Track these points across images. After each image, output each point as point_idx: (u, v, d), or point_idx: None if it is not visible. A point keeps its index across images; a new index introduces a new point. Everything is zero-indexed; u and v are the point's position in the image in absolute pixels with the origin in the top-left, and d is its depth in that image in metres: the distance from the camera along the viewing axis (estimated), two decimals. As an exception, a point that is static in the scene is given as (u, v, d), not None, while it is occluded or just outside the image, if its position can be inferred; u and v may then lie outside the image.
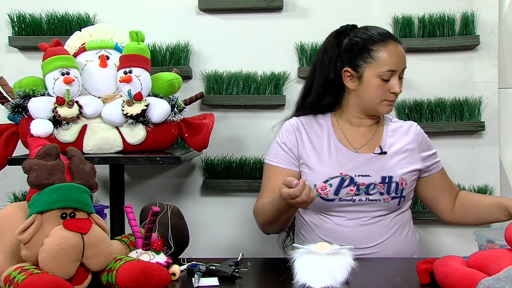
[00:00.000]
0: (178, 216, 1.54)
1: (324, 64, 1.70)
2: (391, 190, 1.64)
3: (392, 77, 1.63)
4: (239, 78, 2.20)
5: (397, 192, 1.65)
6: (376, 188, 1.64)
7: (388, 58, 1.62)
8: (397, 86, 1.63)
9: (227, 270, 1.31)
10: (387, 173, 1.65)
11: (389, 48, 1.62)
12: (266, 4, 2.17)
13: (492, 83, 2.18)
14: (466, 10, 2.16)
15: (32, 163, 1.19)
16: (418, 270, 1.28)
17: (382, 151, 1.68)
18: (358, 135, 1.72)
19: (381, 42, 1.63)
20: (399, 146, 1.70)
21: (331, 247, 1.29)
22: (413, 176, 1.70)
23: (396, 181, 1.65)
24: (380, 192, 1.64)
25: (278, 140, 1.74)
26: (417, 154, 1.71)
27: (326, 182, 1.64)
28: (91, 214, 1.23)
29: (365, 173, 1.65)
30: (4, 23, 2.24)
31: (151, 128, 1.76)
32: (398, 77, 1.64)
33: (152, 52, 2.10)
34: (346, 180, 1.64)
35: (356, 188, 1.63)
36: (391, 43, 1.63)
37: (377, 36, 1.64)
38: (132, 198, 2.22)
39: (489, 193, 2.15)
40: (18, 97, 1.73)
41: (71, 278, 1.16)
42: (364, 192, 1.64)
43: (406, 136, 1.73)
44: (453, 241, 2.19)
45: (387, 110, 1.68)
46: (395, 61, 1.62)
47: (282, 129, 1.76)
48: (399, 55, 1.64)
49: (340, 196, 1.64)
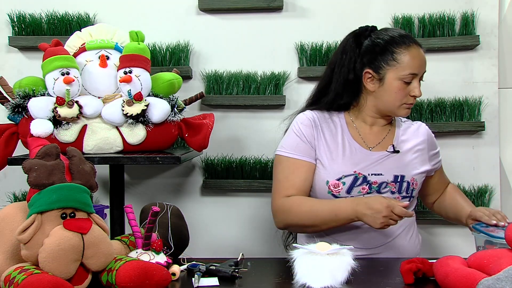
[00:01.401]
0: (178, 216, 1.54)
1: (344, 64, 1.67)
2: (402, 189, 1.65)
3: (413, 80, 1.62)
4: (239, 78, 2.20)
5: (408, 191, 1.65)
6: (388, 187, 1.64)
7: (411, 61, 1.60)
8: (417, 89, 1.62)
9: (227, 270, 1.31)
10: (399, 172, 1.65)
11: (412, 51, 1.61)
12: (266, 4, 2.17)
13: (492, 83, 2.18)
14: (466, 10, 2.16)
15: (32, 163, 1.19)
16: (402, 270, 1.27)
17: (395, 150, 1.68)
18: (372, 134, 1.71)
19: (403, 45, 1.61)
20: (410, 145, 1.72)
21: (331, 247, 1.29)
22: (422, 177, 1.72)
23: (408, 181, 1.65)
24: (391, 191, 1.64)
25: (295, 131, 1.68)
26: (426, 155, 1.73)
27: (340, 180, 1.62)
28: (91, 214, 1.22)
29: (378, 171, 1.64)
30: (4, 23, 2.24)
31: (151, 128, 1.76)
32: (419, 80, 1.64)
33: (152, 52, 2.10)
34: (360, 179, 1.62)
35: (368, 187, 1.63)
36: (413, 46, 1.62)
37: (400, 39, 1.62)
38: (132, 198, 2.22)
39: (489, 193, 2.16)
40: (18, 97, 1.73)
41: (71, 278, 1.16)
42: (375, 190, 1.63)
43: (417, 136, 1.74)
44: (453, 241, 2.19)
45: (405, 113, 1.67)
46: (417, 65, 1.61)
47: (297, 121, 1.70)
48: (421, 59, 1.63)
49: (352, 194, 1.62)
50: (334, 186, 1.62)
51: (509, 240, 1.17)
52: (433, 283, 1.25)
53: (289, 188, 1.64)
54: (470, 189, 2.17)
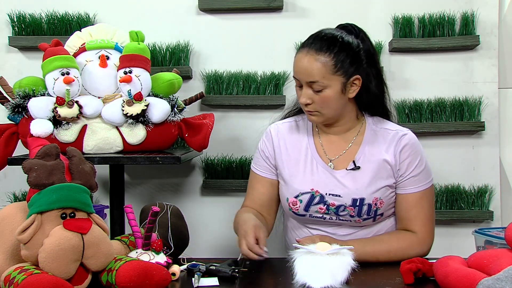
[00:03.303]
0: (178, 216, 1.54)
1: None
2: (362, 212, 1.55)
3: (303, 86, 1.53)
4: (239, 78, 2.20)
5: (370, 213, 1.56)
6: (346, 210, 1.56)
7: (294, 65, 1.55)
8: (301, 96, 1.53)
9: (227, 270, 1.31)
10: (359, 194, 1.54)
11: (297, 55, 1.55)
12: (266, 4, 2.17)
13: (492, 83, 2.18)
14: (466, 10, 2.16)
15: (32, 163, 1.19)
16: (402, 270, 1.27)
17: (355, 166, 1.57)
18: (332, 144, 1.63)
19: (300, 48, 1.57)
20: (376, 157, 1.57)
21: (331, 247, 1.29)
22: (388, 190, 1.58)
23: (369, 203, 1.55)
24: (350, 214, 1.56)
25: (259, 145, 1.70)
26: (394, 167, 1.57)
27: (297, 197, 1.59)
28: (91, 214, 1.22)
29: (336, 192, 1.56)
30: (4, 23, 2.24)
31: (151, 128, 1.76)
32: (311, 88, 1.52)
33: (152, 52, 2.10)
34: (316, 198, 1.57)
35: (326, 208, 1.57)
36: (300, 51, 1.54)
37: (305, 41, 1.57)
38: (132, 198, 2.22)
39: (489, 193, 2.15)
40: (18, 97, 1.73)
41: (71, 278, 1.16)
42: (334, 212, 1.57)
43: (385, 144, 1.58)
44: (453, 241, 2.19)
45: (310, 118, 1.58)
46: (296, 70, 1.54)
47: (263, 134, 1.71)
48: (301, 66, 1.52)
49: (310, 213, 1.59)
50: (293, 203, 1.60)
51: (509, 240, 1.17)
52: (433, 283, 1.25)
53: (247, 201, 1.69)
54: (470, 189, 2.16)
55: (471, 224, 2.16)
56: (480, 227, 1.99)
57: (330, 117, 1.57)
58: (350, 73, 1.52)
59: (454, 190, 2.15)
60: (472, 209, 2.15)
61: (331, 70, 1.50)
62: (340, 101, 1.54)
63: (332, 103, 1.53)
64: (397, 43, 2.15)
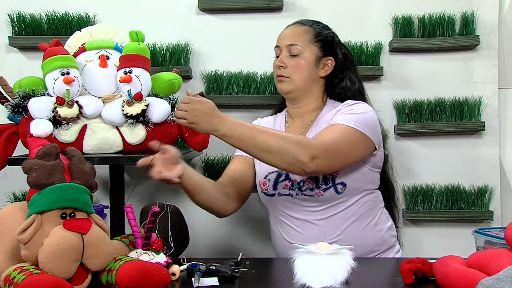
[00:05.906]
0: (178, 216, 1.54)
1: None
2: (319, 182, 1.63)
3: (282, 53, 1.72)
4: (239, 78, 2.20)
5: (327, 182, 1.62)
6: (305, 184, 1.65)
7: (279, 35, 1.76)
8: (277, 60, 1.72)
9: (227, 270, 1.31)
10: None
11: (282, 31, 1.77)
12: (266, 4, 2.17)
13: (492, 83, 2.18)
14: (466, 10, 2.16)
15: (32, 163, 1.19)
16: (402, 270, 1.27)
17: None
18: (296, 128, 1.76)
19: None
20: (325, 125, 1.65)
21: (331, 247, 1.29)
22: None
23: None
24: (309, 187, 1.64)
25: None
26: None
27: (266, 177, 1.71)
28: (91, 214, 1.23)
29: None
30: (4, 23, 2.24)
31: (151, 128, 1.76)
32: (289, 52, 1.70)
33: (152, 52, 2.10)
34: (282, 175, 1.68)
35: (290, 184, 1.67)
36: (287, 28, 1.77)
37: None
38: (132, 198, 2.22)
39: (489, 193, 2.15)
40: (18, 97, 1.73)
41: (71, 278, 1.16)
42: (297, 187, 1.66)
43: (334, 111, 1.68)
44: (453, 241, 2.19)
45: (279, 87, 1.74)
46: (279, 38, 1.75)
47: None
48: (285, 33, 1.75)
49: (279, 191, 1.69)
50: (263, 184, 1.72)
51: (509, 240, 1.17)
52: (433, 283, 1.25)
53: (223, 175, 1.77)
54: (470, 189, 2.16)
55: (471, 224, 2.16)
56: (480, 227, 1.99)
57: (298, 85, 1.71)
58: (326, 50, 1.73)
59: (454, 190, 2.15)
60: (472, 209, 2.15)
61: (311, 38, 1.71)
62: (310, 71, 1.71)
63: (303, 71, 1.69)
64: (397, 43, 2.16)
